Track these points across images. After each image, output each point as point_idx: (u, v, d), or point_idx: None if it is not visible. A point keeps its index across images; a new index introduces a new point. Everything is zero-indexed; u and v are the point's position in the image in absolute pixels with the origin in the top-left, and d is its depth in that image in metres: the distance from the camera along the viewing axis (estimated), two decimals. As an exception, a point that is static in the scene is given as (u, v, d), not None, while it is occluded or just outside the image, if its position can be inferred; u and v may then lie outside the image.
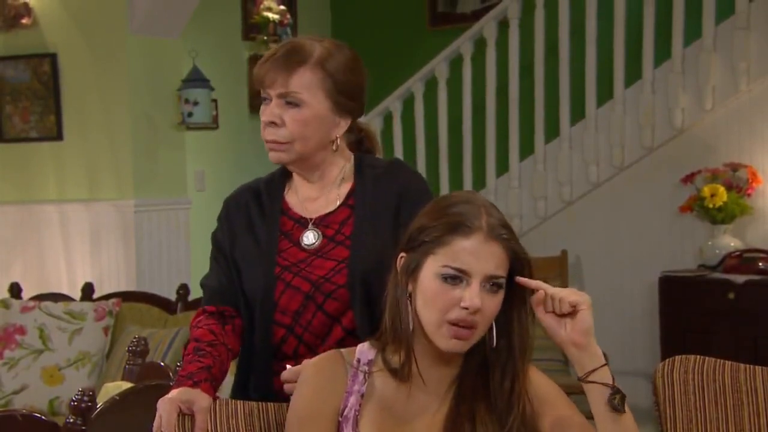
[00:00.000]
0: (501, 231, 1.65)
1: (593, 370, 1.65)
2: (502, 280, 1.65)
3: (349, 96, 1.96)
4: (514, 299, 1.68)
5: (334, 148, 1.98)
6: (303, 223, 1.99)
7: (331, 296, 1.91)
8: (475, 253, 1.62)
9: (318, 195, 2.01)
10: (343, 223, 1.97)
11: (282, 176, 2.06)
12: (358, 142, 2.09)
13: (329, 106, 1.94)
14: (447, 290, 1.63)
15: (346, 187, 2.00)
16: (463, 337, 1.63)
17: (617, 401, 1.64)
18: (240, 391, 2.01)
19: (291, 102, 1.93)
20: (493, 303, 1.64)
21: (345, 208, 1.98)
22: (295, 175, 2.04)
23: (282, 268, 1.94)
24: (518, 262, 1.67)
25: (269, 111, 1.95)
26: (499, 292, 1.65)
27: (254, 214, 2.01)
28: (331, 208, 1.99)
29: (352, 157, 2.04)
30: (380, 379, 1.70)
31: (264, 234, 1.99)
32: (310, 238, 1.97)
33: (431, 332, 1.65)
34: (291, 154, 1.96)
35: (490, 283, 1.63)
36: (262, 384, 1.96)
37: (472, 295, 1.61)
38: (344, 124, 1.98)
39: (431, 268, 1.65)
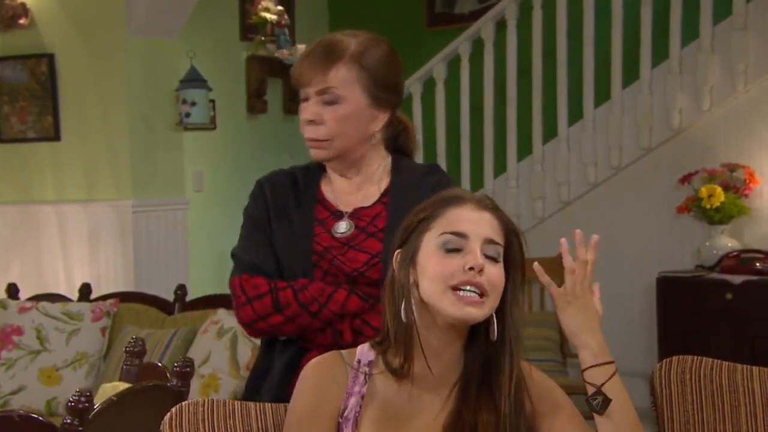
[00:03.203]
0: (490, 203, 1.69)
1: (588, 368, 1.68)
2: (500, 249, 1.65)
3: (387, 89, 1.96)
4: (509, 286, 1.68)
5: (373, 142, 1.98)
6: (338, 215, 1.99)
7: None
8: (470, 218, 1.65)
9: (355, 190, 2.01)
10: (376, 217, 1.97)
11: (319, 166, 2.05)
12: (395, 137, 2.07)
13: (367, 101, 1.95)
14: (449, 260, 1.63)
15: (383, 185, 2.01)
16: (476, 302, 1.61)
17: (596, 403, 1.66)
18: (253, 395, 1.98)
19: (329, 99, 1.93)
20: (496, 270, 1.64)
21: (379, 204, 1.99)
22: (330, 170, 2.03)
23: (318, 255, 1.94)
24: (510, 233, 1.68)
25: (308, 109, 1.95)
26: (499, 264, 1.65)
27: (290, 200, 1.99)
28: (367, 204, 1.99)
29: (389, 156, 2.04)
30: (381, 381, 1.70)
31: (298, 221, 1.98)
32: (342, 227, 1.97)
33: (439, 303, 1.62)
34: (331, 152, 1.96)
35: (490, 251, 1.64)
36: (280, 379, 1.93)
37: (474, 255, 1.62)
38: (383, 118, 1.98)
39: (430, 243, 1.65)
